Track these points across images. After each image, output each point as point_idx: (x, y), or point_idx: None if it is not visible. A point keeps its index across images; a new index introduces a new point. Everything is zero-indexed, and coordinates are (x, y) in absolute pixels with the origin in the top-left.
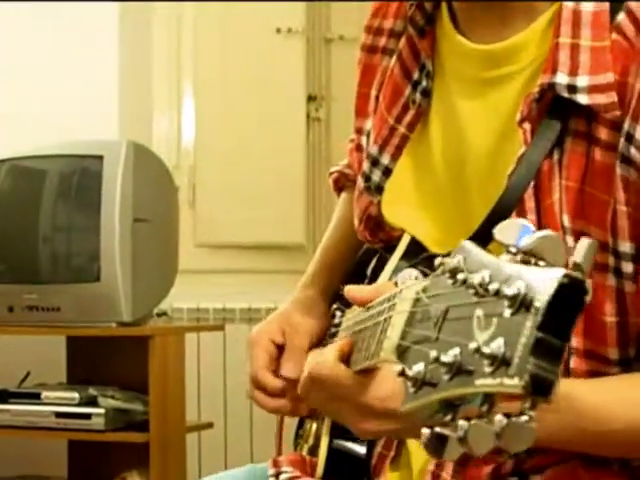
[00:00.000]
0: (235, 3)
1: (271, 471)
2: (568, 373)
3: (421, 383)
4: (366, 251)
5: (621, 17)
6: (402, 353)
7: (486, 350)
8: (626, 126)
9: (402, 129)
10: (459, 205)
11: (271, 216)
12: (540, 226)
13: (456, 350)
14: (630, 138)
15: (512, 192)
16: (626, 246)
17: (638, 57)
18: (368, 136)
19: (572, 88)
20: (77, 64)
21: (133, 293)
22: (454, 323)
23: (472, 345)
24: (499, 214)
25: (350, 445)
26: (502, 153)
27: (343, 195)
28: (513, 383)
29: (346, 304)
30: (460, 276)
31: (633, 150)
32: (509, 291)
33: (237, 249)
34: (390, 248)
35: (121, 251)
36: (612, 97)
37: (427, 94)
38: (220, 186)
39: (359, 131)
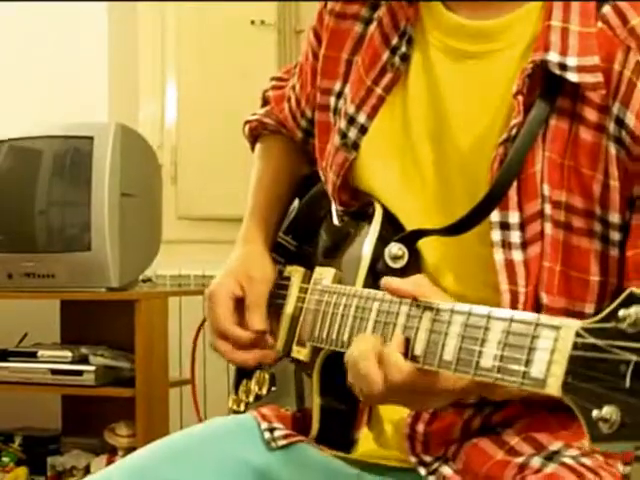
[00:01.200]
0: None
1: (264, 425)
2: None
3: (619, 426)
4: (310, 201)
5: (606, 9)
6: (568, 390)
7: None
8: (615, 110)
9: (379, 90)
10: (434, 163)
11: (246, 191)
12: (520, 193)
13: None
14: (621, 122)
15: (513, 160)
16: (615, 217)
17: (623, 46)
18: (338, 97)
19: (563, 66)
20: (71, 55)
21: (121, 261)
22: None
23: None
24: (504, 181)
25: (338, 404)
26: (482, 123)
27: (262, 145)
28: None
29: (284, 256)
30: None
31: (624, 133)
32: None
33: (215, 221)
34: (355, 214)
35: (110, 223)
36: (599, 77)
37: (406, 59)
38: (200, 164)
39: (326, 92)
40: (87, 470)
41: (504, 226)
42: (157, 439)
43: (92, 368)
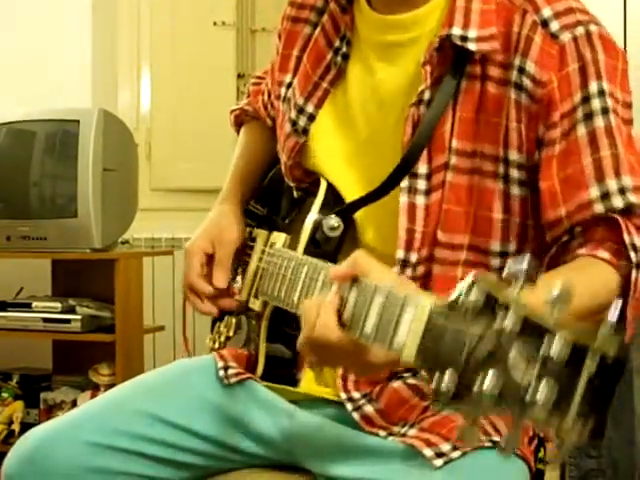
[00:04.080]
0: (182, 1)
1: (220, 363)
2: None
3: (452, 397)
4: (278, 174)
5: None
6: (419, 359)
7: (536, 389)
8: (517, 62)
9: (325, 84)
10: (372, 145)
11: (208, 166)
12: (430, 150)
13: (496, 379)
14: (522, 70)
15: (425, 127)
16: (514, 154)
17: (519, 10)
18: (288, 87)
19: (464, 38)
20: (59, 47)
21: (103, 226)
22: (482, 353)
23: (515, 379)
24: (415, 148)
25: (282, 348)
26: (405, 96)
27: (244, 128)
28: (571, 427)
29: (254, 220)
30: (484, 316)
31: (524, 78)
32: (556, 345)
33: (183, 192)
34: (306, 190)
35: (93, 193)
36: (494, 45)
37: (346, 58)
38: (170, 144)
39: (280, 84)
40: (74, 404)
41: (413, 175)
42: (133, 377)
43: (78, 317)
